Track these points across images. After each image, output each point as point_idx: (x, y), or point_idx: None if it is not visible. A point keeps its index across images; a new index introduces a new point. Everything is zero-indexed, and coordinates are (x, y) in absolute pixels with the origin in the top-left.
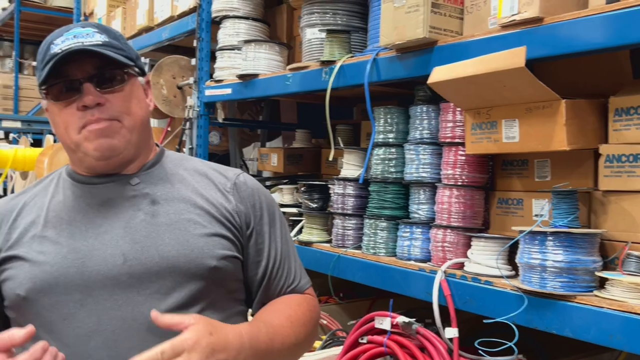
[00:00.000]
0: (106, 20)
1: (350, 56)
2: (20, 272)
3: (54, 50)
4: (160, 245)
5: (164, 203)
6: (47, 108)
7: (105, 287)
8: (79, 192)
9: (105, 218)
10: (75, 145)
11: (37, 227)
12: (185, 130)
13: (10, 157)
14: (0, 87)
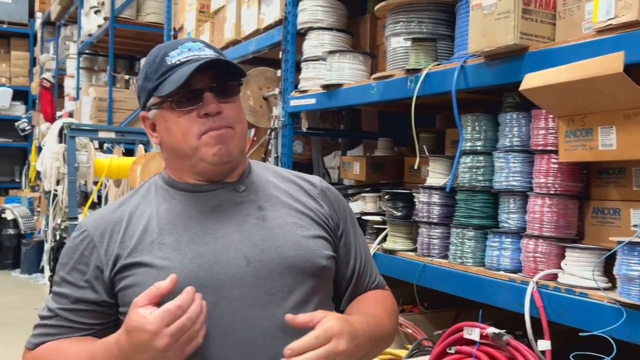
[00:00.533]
0: (195, 34)
1: (437, 64)
2: (149, 278)
3: (171, 61)
4: (277, 247)
5: (269, 208)
6: (156, 116)
7: (234, 289)
8: (187, 200)
9: (219, 224)
10: (193, 150)
11: (152, 235)
12: (271, 139)
13: (105, 166)
14: (95, 100)
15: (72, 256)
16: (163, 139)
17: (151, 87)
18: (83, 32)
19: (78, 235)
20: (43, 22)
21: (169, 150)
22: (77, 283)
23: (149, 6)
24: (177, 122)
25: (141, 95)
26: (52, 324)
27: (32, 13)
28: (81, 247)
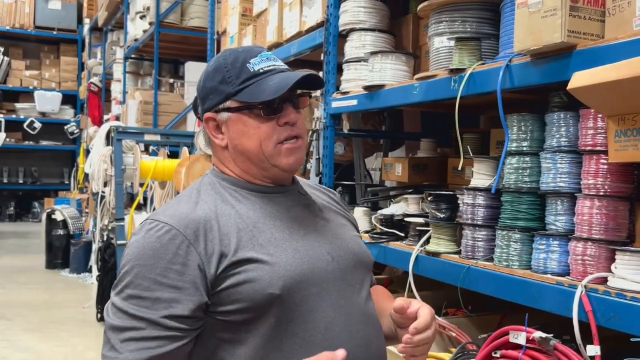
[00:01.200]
0: (237, 37)
1: (481, 63)
2: (264, 273)
3: (254, 68)
4: (348, 244)
5: (324, 209)
6: (230, 119)
7: (329, 281)
8: (263, 201)
9: (298, 223)
10: (269, 156)
11: (247, 233)
12: (312, 141)
13: (151, 168)
14: (141, 104)
15: (161, 256)
16: (235, 142)
17: (232, 91)
18: (129, 37)
19: (163, 234)
20: (91, 28)
21: (239, 153)
22: (175, 285)
23: (192, 11)
24: (258, 128)
25: (212, 96)
26: (149, 336)
27: (80, 19)
28: (172, 246)
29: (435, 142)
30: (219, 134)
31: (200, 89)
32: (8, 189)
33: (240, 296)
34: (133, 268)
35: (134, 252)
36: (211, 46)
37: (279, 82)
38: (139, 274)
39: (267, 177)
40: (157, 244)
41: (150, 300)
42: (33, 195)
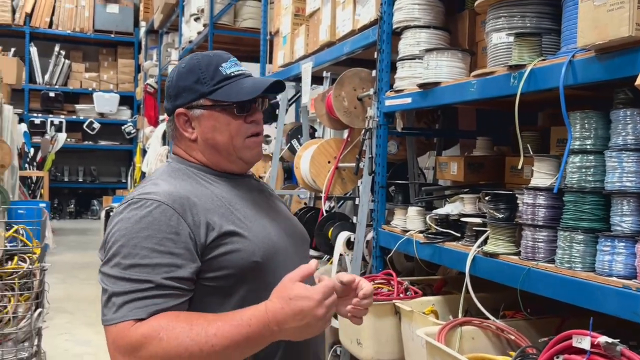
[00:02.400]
0: (290, 37)
1: (542, 59)
2: (247, 244)
3: (226, 72)
4: (296, 224)
5: (272, 196)
6: (202, 115)
7: (288, 253)
8: (230, 184)
9: (258, 204)
10: (236, 149)
11: (225, 210)
12: (365, 140)
13: None
14: None
15: (155, 227)
16: (206, 136)
17: (206, 90)
18: (184, 39)
19: (153, 209)
20: (147, 30)
21: (209, 146)
22: (172, 251)
23: (245, 12)
24: (228, 124)
25: (184, 94)
26: (155, 294)
27: (137, 22)
28: (164, 218)
29: (491, 140)
30: (188, 128)
31: (172, 87)
32: (69, 187)
33: (228, 263)
34: (129, 241)
35: (126, 227)
36: (264, 46)
37: (253, 85)
38: (135, 245)
39: (232, 167)
40: (149, 217)
41: (151, 266)
42: (92, 193)
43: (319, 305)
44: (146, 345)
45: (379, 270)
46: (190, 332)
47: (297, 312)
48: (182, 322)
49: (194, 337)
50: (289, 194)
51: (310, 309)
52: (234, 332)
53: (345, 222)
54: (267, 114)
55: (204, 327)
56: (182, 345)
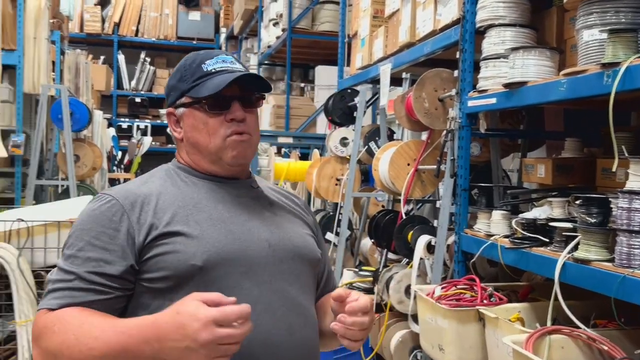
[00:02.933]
0: (369, 39)
1: (638, 56)
2: (190, 246)
3: (207, 69)
4: (290, 237)
5: (275, 205)
6: (184, 114)
7: (260, 265)
8: (210, 187)
9: (242, 210)
10: (216, 149)
11: (185, 210)
12: (447, 141)
13: (284, 169)
14: (274, 108)
15: (98, 222)
16: (188, 135)
17: (185, 88)
18: (262, 44)
19: (103, 203)
20: (227, 36)
21: (191, 145)
22: (105, 247)
23: (323, 15)
24: (206, 123)
25: (172, 93)
26: (75, 287)
27: (217, 29)
28: (108, 213)
29: (581, 142)
30: (177, 127)
31: (166, 87)
32: None
33: (165, 264)
34: (74, 233)
35: (79, 221)
36: (342, 49)
37: (220, 80)
38: (77, 237)
39: (216, 169)
40: (96, 211)
41: (82, 259)
42: None
43: (204, 328)
44: (42, 336)
45: (461, 275)
46: (78, 330)
47: (178, 328)
48: (79, 318)
49: (79, 337)
50: (366, 196)
51: (193, 330)
52: (114, 340)
53: (425, 226)
54: (344, 116)
55: (92, 327)
56: (65, 342)
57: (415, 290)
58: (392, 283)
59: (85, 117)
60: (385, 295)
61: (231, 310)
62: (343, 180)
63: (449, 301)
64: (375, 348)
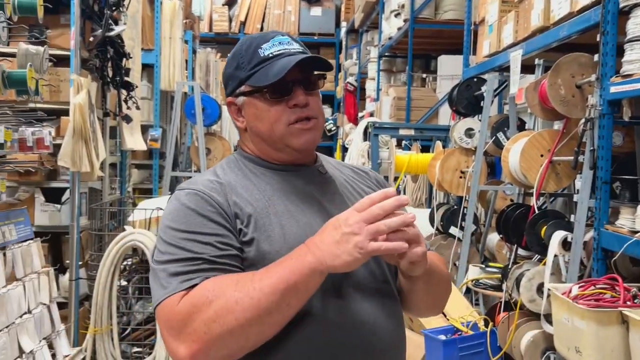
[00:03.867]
0: (497, 25)
1: None
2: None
3: (264, 53)
4: None
5: (345, 191)
6: (245, 103)
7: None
8: (280, 177)
9: (314, 199)
10: (280, 137)
11: (263, 202)
12: (586, 131)
13: (405, 162)
14: (395, 100)
15: (197, 211)
16: (250, 124)
17: (243, 76)
18: (383, 36)
19: (192, 196)
20: (347, 30)
21: (255, 135)
22: (217, 232)
23: (447, 3)
24: (268, 111)
25: (230, 82)
26: (204, 268)
27: (338, 23)
28: (202, 203)
29: None
30: (239, 117)
31: (222, 76)
32: None
33: (252, 263)
34: (174, 228)
35: (169, 218)
36: (467, 37)
37: (281, 65)
38: (181, 233)
39: (282, 157)
40: (190, 205)
41: (202, 243)
42: None
43: (351, 213)
44: (194, 315)
45: (601, 274)
46: (237, 285)
47: (331, 227)
48: (228, 279)
49: (241, 289)
50: (493, 189)
51: (342, 219)
52: (278, 270)
53: (560, 221)
54: (470, 106)
55: (248, 276)
56: (231, 299)
57: (550, 289)
58: (523, 280)
59: (216, 112)
60: (515, 293)
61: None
62: (468, 173)
63: (587, 301)
64: (504, 347)
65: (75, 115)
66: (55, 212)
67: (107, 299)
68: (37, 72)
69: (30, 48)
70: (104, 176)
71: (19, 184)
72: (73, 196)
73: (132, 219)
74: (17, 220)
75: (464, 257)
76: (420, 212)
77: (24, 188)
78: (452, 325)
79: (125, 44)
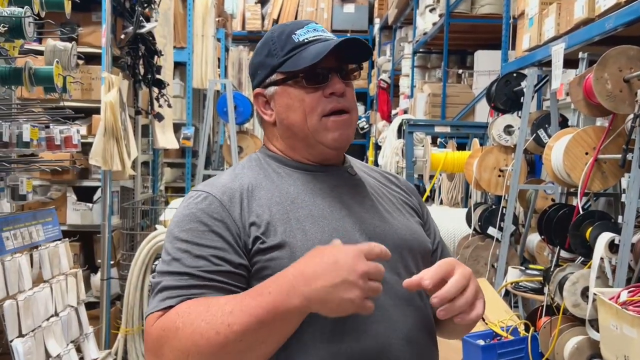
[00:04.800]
0: (538, 19)
1: None
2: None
3: (299, 39)
4: (396, 229)
5: (376, 194)
6: (276, 92)
7: None
8: (305, 178)
9: (341, 202)
10: (313, 131)
11: (284, 206)
12: (635, 127)
13: (441, 160)
14: (430, 96)
15: (201, 219)
16: (281, 117)
17: (276, 63)
18: (418, 31)
19: (201, 200)
20: (381, 27)
21: (286, 128)
22: (215, 245)
23: None
24: (302, 100)
25: (259, 71)
26: (189, 285)
27: (371, 20)
28: (210, 210)
29: None
30: (267, 109)
31: (250, 66)
32: None
33: (269, 273)
34: (172, 236)
35: (174, 222)
36: (506, 31)
37: (319, 48)
38: (181, 237)
39: (313, 154)
40: (194, 208)
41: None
42: None
43: (359, 259)
44: (164, 340)
45: None
46: (206, 315)
47: (330, 262)
48: (202, 305)
49: (210, 320)
50: (533, 188)
51: (346, 261)
52: (253, 305)
53: (606, 222)
54: (509, 102)
55: (222, 305)
56: (196, 331)
57: (595, 294)
58: (566, 284)
59: (248, 110)
60: (557, 297)
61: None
62: (508, 171)
63: (637, 307)
64: (546, 354)
65: (106, 113)
66: (87, 211)
67: (139, 299)
68: (65, 69)
69: (58, 44)
70: (135, 175)
71: (51, 182)
72: (104, 195)
73: (164, 218)
74: (45, 221)
75: (503, 258)
76: (456, 212)
77: (56, 187)
78: (491, 330)
79: (157, 42)
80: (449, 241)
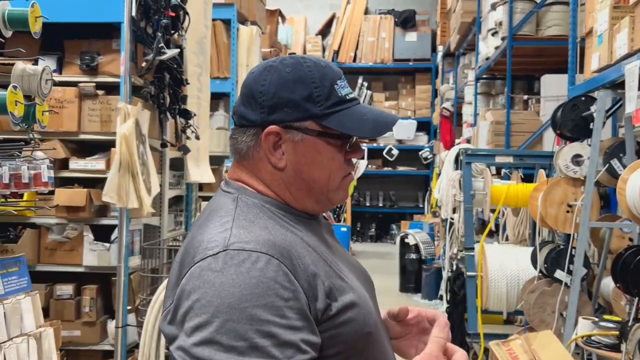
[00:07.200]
0: (608, 35)
1: None
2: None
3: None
4: (361, 266)
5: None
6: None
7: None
8: (305, 227)
9: (334, 249)
10: (330, 190)
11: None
12: None
13: (503, 192)
14: (492, 124)
15: (277, 292)
16: (300, 168)
17: (318, 113)
18: (480, 57)
19: (265, 265)
20: (443, 54)
21: (302, 180)
22: (295, 325)
23: (549, 19)
24: (332, 159)
25: (287, 110)
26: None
27: (434, 48)
28: (280, 279)
29: None
30: (276, 151)
31: (268, 95)
32: (369, 212)
33: (342, 339)
34: (255, 310)
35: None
36: (573, 51)
37: (376, 119)
38: (256, 315)
39: (316, 208)
40: (262, 277)
41: (282, 345)
42: (391, 218)
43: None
44: None
45: None
46: None
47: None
48: None
49: None
50: (607, 227)
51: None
52: None
53: None
54: (577, 129)
55: None
56: None
57: None
58: None
59: None
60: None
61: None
62: (577, 207)
63: None
64: None
65: (121, 147)
66: (104, 251)
67: (154, 349)
68: (37, 96)
69: (28, 68)
70: (157, 212)
71: (68, 220)
72: (121, 234)
73: None
74: (8, 271)
75: (573, 306)
76: (521, 251)
77: (72, 225)
78: None
79: (190, 71)
80: (513, 284)
